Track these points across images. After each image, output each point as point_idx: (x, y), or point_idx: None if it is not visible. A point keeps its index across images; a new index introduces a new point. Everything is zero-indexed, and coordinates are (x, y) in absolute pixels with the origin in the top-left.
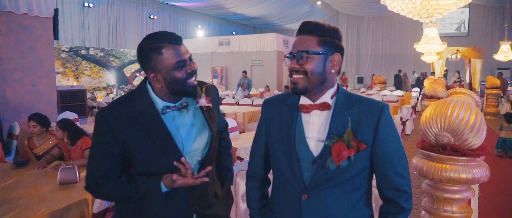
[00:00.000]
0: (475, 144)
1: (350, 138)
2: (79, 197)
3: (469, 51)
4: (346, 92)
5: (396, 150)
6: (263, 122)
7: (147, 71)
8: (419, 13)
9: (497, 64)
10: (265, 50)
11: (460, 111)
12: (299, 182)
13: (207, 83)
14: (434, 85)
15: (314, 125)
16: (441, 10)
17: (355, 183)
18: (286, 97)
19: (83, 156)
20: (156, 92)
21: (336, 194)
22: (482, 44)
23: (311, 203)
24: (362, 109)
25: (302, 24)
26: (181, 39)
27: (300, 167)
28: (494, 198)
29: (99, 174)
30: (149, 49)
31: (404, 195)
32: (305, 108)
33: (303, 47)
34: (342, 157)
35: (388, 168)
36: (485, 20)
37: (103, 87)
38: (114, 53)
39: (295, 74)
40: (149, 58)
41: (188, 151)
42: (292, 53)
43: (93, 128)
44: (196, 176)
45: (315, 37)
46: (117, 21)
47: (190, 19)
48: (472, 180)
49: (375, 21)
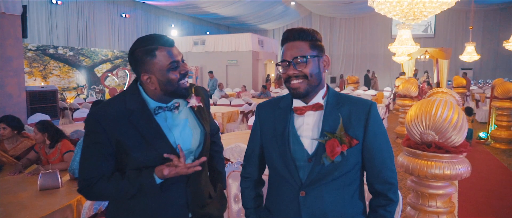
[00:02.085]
0: (458, 141)
1: (342, 134)
2: (63, 203)
3: (437, 52)
4: (336, 92)
5: (384, 144)
6: (258, 125)
7: (140, 73)
8: (406, 16)
9: (461, 64)
10: (241, 50)
11: (444, 110)
12: (296, 180)
13: (196, 85)
14: (407, 85)
15: (308, 124)
16: (427, 12)
17: (349, 178)
18: (278, 100)
19: (63, 159)
20: (148, 93)
21: (331, 189)
22: (447, 45)
23: (309, 199)
24: (352, 107)
25: (289, 32)
26: (173, 42)
27: (296, 165)
28: (469, 193)
29: (92, 175)
30: (142, 51)
31: (392, 188)
32: (299, 110)
33: (298, 52)
34: (335, 153)
35: (378, 162)
36: (450, 23)
37: (73, 88)
38: (84, 53)
39: (295, 79)
40: (142, 61)
41: None
42: (286, 60)
43: (84, 129)
44: (189, 165)
45: (305, 42)
46: (87, 19)
47: (164, 18)
48: (456, 175)
49: (347, 22)
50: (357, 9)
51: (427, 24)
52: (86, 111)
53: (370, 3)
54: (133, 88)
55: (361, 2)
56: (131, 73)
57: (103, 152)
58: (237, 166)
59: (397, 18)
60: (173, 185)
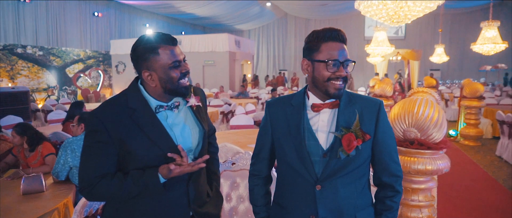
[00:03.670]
0: (438, 138)
1: (358, 129)
2: (49, 207)
3: (408, 53)
4: (347, 91)
5: (392, 140)
6: (268, 122)
7: (141, 70)
8: (391, 18)
9: (429, 65)
10: (217, 50)
11: (425, 109)
12: (311, 175)
13: (195, 86)
14: (383, 84)
15: (323, 121)
16: (411, 16)
17: (360, 171)
18: (290, 98)
19: (44, 162)
20: (149, 92)
21: (346, 183)
22: (417, 47)
23: (324, 193)
24: (363, 104)
25: (335, 31)
26: (176, 41)
27: (311, 160)
28: (444, 187)
29: (94, 175)
30: (145, 49)
31: (398, 180)
32: (317, 107)
33: (347, 56)
34: (352, 147)
35: (386, 156)
36: (420, 25)
37: (43, 89)
38: (55, 52)
39: (340, 81)
40: (145, 58)
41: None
42: (338, 60)
43: (86, 129)
44: (193, 163)
45: (346, 45)
46: (58, 18)
47: (138, 17)
48: (437, 170)
49: (322, 24)
50: (331, 11)
51: (398, 27)
52: (62, 113)
53: (356, 5)
54: (134, 87)
55: (335, 4)
56: (104, 74)
57: (105, 151)
58: (227, 165)
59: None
60: (175, 185)
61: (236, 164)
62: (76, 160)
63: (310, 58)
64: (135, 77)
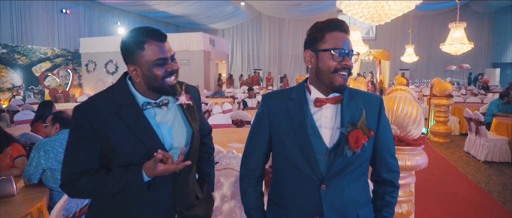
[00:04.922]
0: (416, 135)
1: (363, 125)
2: (22, 211)
3: (380, 53)
4: (348, 87)
5: (391, 136)
6: (266, 117)
7: (128, 64)
8: (372, 17)
9: (399, 65)
10: (192, 49)
11: (404, 106)
12: (316, 174)
13: (188, 84)
14: (357, 84)
15: (326, 117)
16: (391, 15)
17: (363, 168)
18: (288, 92)
19: (14, 165)
20: (136, 88)
21: (350, 180)
22: (387, 47)
23: (330, 192)
24: (365, 100)
25: (340, 22)
26: (165, 37)
27: (316, 159)
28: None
29: (76, 171)
30: (132, 42)
31: (397, 175)
32: (320, 102)
33: (351, 47)
34: (360, 144)
35: (386, 152)
36: (390, 26)
37: (7, 89)
38: (20, 50)
39: (345, 71)
40: (131, 51)
41: (168, 149)
42: (344, 50)
43: (71, 123)
44: (178, 161)
45: (349, 36)
46: (22, 15)
47: (108, 15)
48: (416, 166)
49: (295, 23)
50: (305, 11)
51: (369, 27)
52: (30, 113)
53: (338, 4)
54: (121, 83)
55: (308, 4)
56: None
57: (88, 147)
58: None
59: (363, 19)
60: (160, 185)
61: (220, 163)
62: (49, 161)
63: (314, 49)
64: (123, 72)
